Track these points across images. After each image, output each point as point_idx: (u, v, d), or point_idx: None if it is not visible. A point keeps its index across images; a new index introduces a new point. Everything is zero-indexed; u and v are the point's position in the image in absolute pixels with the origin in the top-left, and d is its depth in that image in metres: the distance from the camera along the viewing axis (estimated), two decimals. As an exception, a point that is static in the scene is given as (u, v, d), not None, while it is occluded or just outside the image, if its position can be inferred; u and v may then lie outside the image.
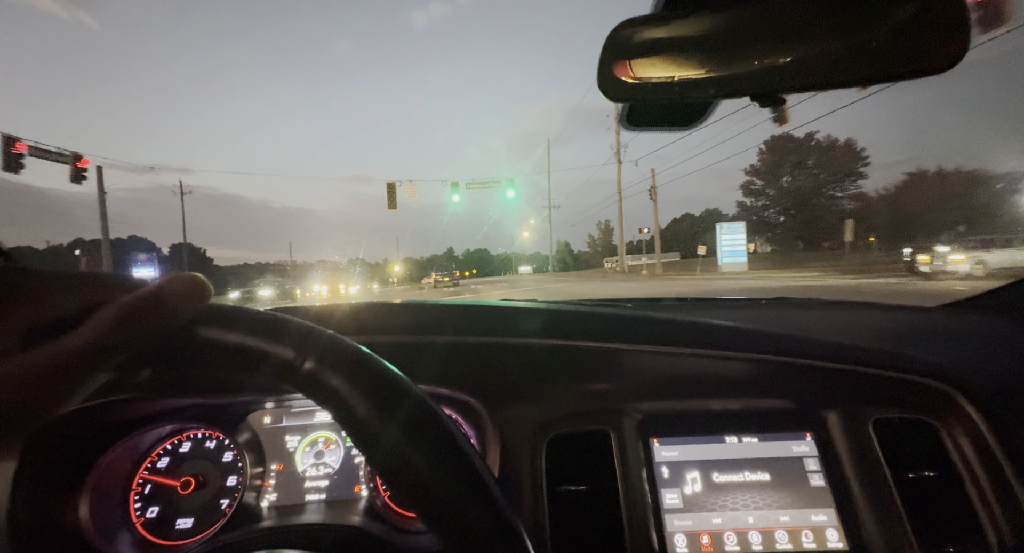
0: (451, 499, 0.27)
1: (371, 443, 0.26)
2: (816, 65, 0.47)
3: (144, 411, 0.62)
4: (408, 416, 0.27)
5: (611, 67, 0.51)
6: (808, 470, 0.62)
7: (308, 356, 0.26)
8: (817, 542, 0.58)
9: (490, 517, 0.27)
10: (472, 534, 0.26)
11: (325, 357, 0.26)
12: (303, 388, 0.26)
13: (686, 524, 0.60)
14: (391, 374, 0.28)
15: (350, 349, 0.28)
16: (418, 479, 0.26)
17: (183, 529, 0.61)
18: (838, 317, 0.96)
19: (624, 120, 0.63)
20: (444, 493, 0.27)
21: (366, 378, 0.27)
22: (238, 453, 0.64)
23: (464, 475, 0.27)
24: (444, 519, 0.27)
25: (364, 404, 0.26)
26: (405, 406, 0.27)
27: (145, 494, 0.62)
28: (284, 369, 0.26)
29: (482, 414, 0.62)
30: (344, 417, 0.26)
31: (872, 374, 0.61)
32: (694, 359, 0.62)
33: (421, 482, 0.26)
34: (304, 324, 0.27)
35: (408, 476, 0.26)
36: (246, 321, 0.26)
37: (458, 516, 0.26)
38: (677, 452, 0.64)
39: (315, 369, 0.26)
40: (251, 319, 0.26)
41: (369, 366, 0.28)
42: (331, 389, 0.26)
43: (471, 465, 0.28)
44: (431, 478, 0.26)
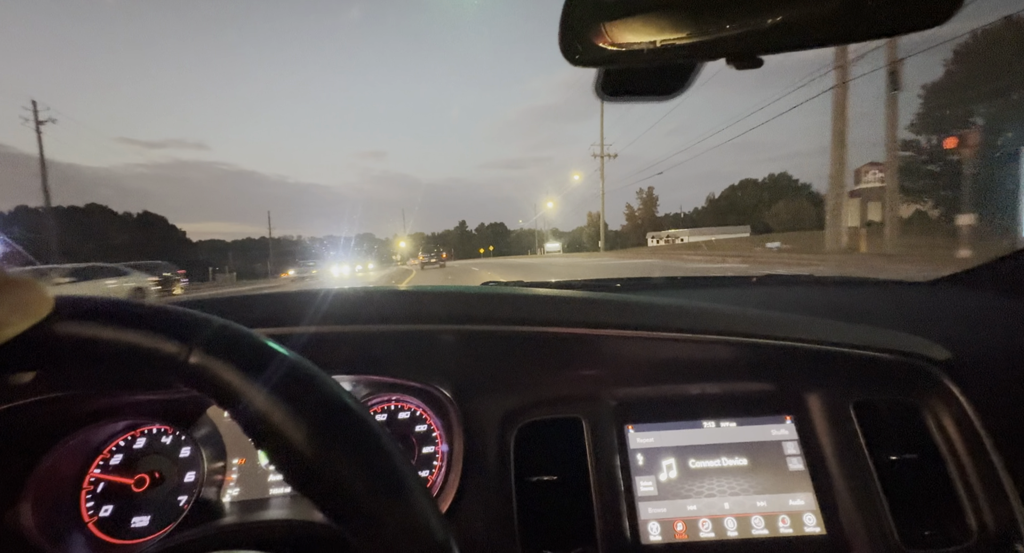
0: (375, 512, 0.24)
1: (276, 443, 0.24)
2: (800, 22, 0.42)
3: (91, 407, 0.59)
4: (317, 408, 0.24)
5: (575, 30, 0.46)
6: (787, 454, 0.61)
7: (194, 348, 0.23)
8: (794, 527, 0.57)
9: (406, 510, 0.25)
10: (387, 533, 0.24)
11: (213, 347, 0.23)
12: (192, 383, 0.24)
13: (660, 511, 0.58)
14: (293, 362, 0.25)
15: (244, 337, 0.25)
16: (335, 480, 0.24)
17: (139, 527, 0.58)
18: (826, 294, 0.93)
19: (599, 89, 0.59)
20: (362, 492, 0.24)
21: (264, 369, 0.24)
22: (195, 448, 0.61)
23: (386, 471, 0.25)
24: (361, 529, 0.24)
25: (264, 399, 0.23)
26: (311, 397, 0.25)
27: (98, 492, 0.60)
28: (167, 364, 0.23)
29: (447, 404, 0.59)
30: (240, 413, 0.24)
31: (854, 354, 0.58)
32: (671, 343, 0.59)
33: (339, 483, 0.24)
34: (188, 312, 0.24)
35: (323, 478, 0.24)
36: (118, 312, 0.23)
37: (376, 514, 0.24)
38: (653, 438, 0.62)
39: (203, 362, 0.23)
40: (124, 310, 0.24)
41: (266, 355, 0.25)
42: (223, 384, 0.23)
43: (392, 462, 0.25)
44: (349, 477, 0.24)
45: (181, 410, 0.62)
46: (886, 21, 0.40)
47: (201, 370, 0.23)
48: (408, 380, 0.61)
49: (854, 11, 0.41)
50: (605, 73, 0.57)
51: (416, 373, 0.60)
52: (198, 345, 0.23)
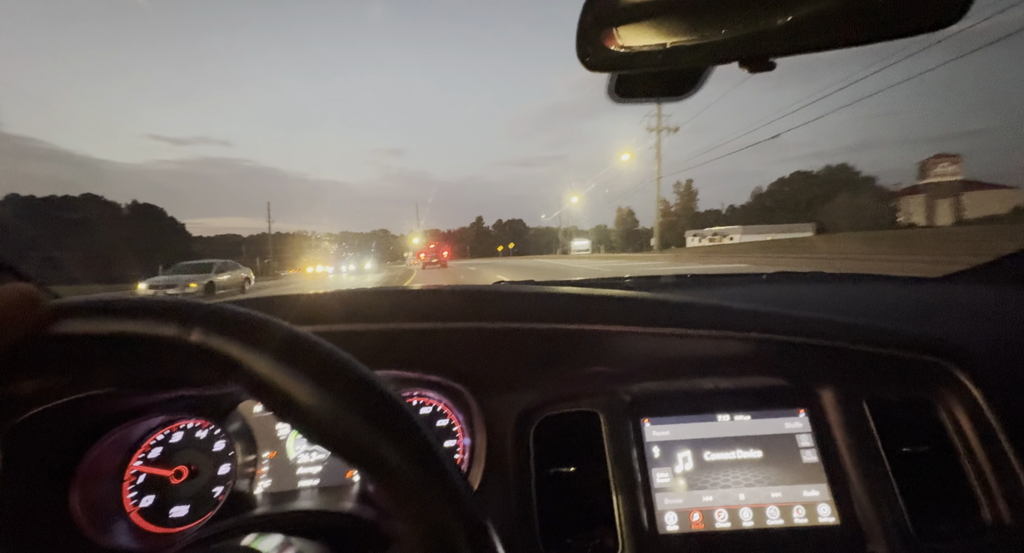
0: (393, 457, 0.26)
1: (284, 404, 0.25)
2: (811, 24, 0.44)
3: (130, 405, 0.62)
4: (317, 369, 0.26)
5: (590, 35, 0.48)
6: (801, 446, 0.62)
7: (193, 327, 0.25)
8: (809, 517, 0.58)
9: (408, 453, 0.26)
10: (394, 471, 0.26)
11: (211, 325, 0.25)
12: (198, 362, 0.25)
13: (677, 502, 0.60)
14: (287, 329, 0.27)
15: (237, 313, 0.26)
16: (348, 432, 0.25)
17: (178, 517, 0.61)
18: (839, 291, 0.94)
19: (612, 91, 0.60)
20: (379, 452, 0.25)
21: (261, 337, 0.25)
22: (229, 442, 0.64)
23: (396, 416, 0.26)
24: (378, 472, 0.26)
25: (265, 364, 0.25)
26: (309, 356, 0.26)
27: (139, 484, 0.63)
28: (172, 346, 0.25)
29: (469, 399, 0.61)
30: (249, 383, 0.25)
31: (865, 351, 0.59)
32: (686, 340, 0.61)
33: (351, 434, 0.25)
34: (183, 300, 0.26)
35: (332, 434, 0.25)
36: (112, 308, 0.25)
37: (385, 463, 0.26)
38: (668, 431, 0.63)
39: (203, 339, 0.25)
40: (118, 305, 0.25)
41: (260, 324, 0.26)
42: (225, 356, 0.25)
43: (398, 408, 0.27)
44: (362, 436, 0.25)
45: (214, 406, 0.65)
46: (896, 22, 0.41)
47: (203, 347, 0.25)
48: (429, 375, 0.63)
49: (864, 13, 0.42)
50: (618, 77, 0.58)
51: (437, 369, 0.62)
52: (196, 325, 0.25)
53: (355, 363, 0.27)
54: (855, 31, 0.43)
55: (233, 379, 0.25)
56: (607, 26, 0.48)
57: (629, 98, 0.61)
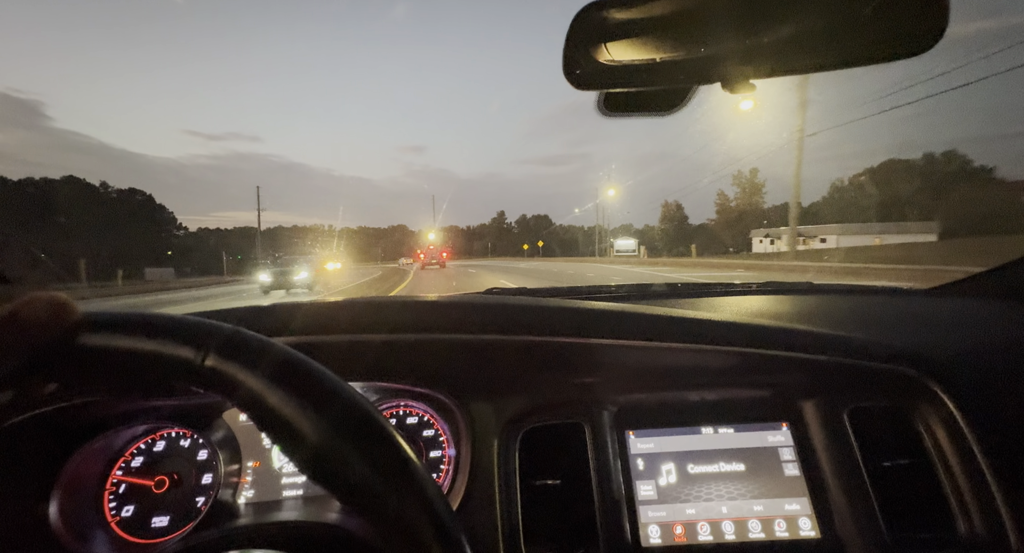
0: (379, 489, 0.26)
1: (289, 435, 0.25)
2: (791, 49, 0.45)
3: (114, 411, 0.61)
4: (325, 403, 0.26)
5: (575, 56, 0.49)
6: (783, 460, 0.62)
7: (209, 352, 0.25)
8: (790, 531, 0.59)
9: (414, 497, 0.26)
10: (395, 517, 0.26)
11: (226, 351, 0.25)
12: (209, 385, 0.26)
13: (660, 515, 0.60)
14: (301, 361, 0.27)
15: (253, 340, 0.27)
16: (342, 469, 0.25)
17: (159, 527, 0.61)
18: (823, 303, 0.95)
19: (600, 106, 0.61)
20: (366, 481, 0.26)
21: (274, 367, 0.26)
22: (212, 451, 0.64)
23: (395, 461, 0.27)
24: (370, 507, 0.26)
25: (275, 396, 0.25)
26: (319, 393, 0.26)
27: (120, 493, 0.62)
28: (185, 369, 0.25)
29: (453, 409, 0.62)
30: (256, 411, 0.26)
31: (843, 363, 0.60)
32: (671, 353, 0.61)
33: (344, 472, 0.25)
34: (201, 321, 0.26)
35: (330, 467, 0.26)
36: (138, 325, 0.25)
37: (384, 503, 0.26)
38: (653, 444, 0.64)
39: (217, 365, 0.25)
40: (143, 322, 0.26)
41: (276, 355, 0.27)
42: (237, 383, 0.25)
43: (397, 449, 0.27)
44: (355, 466, 0.25)
45: (198, 414, 0.65)
46: (869, 50, 0.42)
47: (216, 373, 0.25)
48: (415, 387, 0.63)
49: (839, 39, 0.44)
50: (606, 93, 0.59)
51: (423, 380, 0.62)
52: (212, 350, 0.25)
53: (365, 404, 0.28)
54: (831, 56, 0.44)
55: (242, 406, 0.26)
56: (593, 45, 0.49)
57: (617, 113, 0.62)
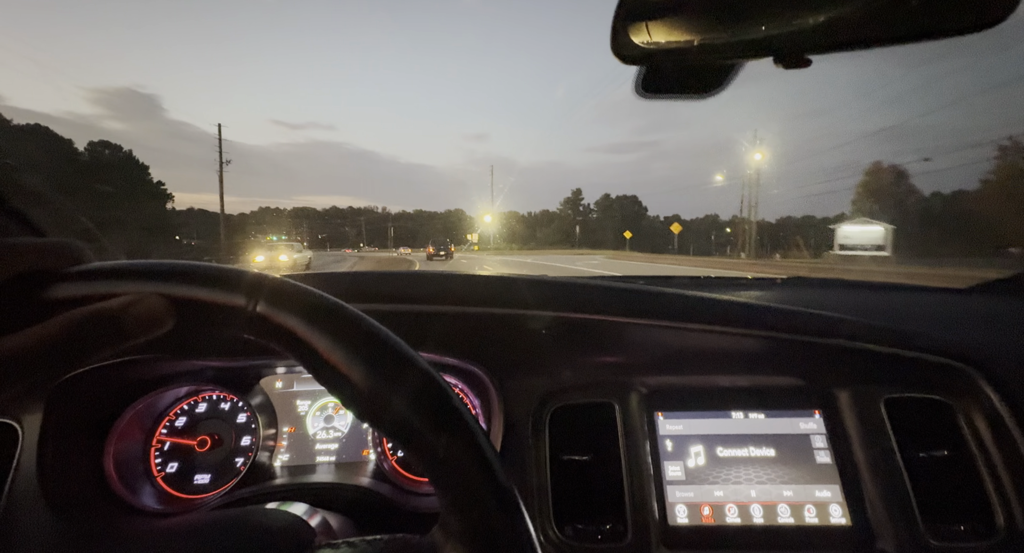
0: (423, 428, 0.26)
1: (338, 381, 0.26)
2: (849, 21, 0.44)
3: (160, 372, 0.64)
4: (373, 350, 0.27)
5: (625, 28, 0.48)
6: (815, 447, 0.62)
7: (259, 299, 0.26)
8: (820, 517, 0.58)
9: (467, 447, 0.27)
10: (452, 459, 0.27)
11: (276, 299, 0.26)
12: (259, 332, 0.26)
13: (688, 495, 0.60)
14: (347, 310, 0.28)
15: (300, 290, 0.27)
16: (394, 414, 0.26)
17: (201, 484, 0.64)
18: (856, 298, 0.93)
19: (638, 87, 0.61)
20: (420, 425, 0.26)
21: (320, 314, 0.27)
22: (251, 415, 0.66)
23: (439, 407, 0.27)
24: (429, 456, 0.27)
25: (323, 340, 0.26)
26: (368, 340, 0.27)
27: (164, 450, 0.65)
28: (237, 316, 0.26)
29: (488, 384, 0.62)
30: (306, 357, 0.26)
31: (887, 353, 0.59)
32: (704, 335, 0.61)
33: (397, 417, 0.26)
34: (250, 272, 0.27)
35: (384, 410, 0.26)
36: (194, 274, 0.26)
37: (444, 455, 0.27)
38: (682, 426, 0.64)
39: (267, 311, 0.26)
40: (198, 272, 0.27)
41: (323, 303, 0.27)
42: (287, 330, 0.26)
43: (446, 398, 0.28)
44: (405, 411, 0.26)
45: (238, 378, 0.68)
46: (936, 21, 0.41)
47: (266, 319, 0.26)
48: (449, 358, 0.64)
49: (902, 12, 0.42)
50: (645, 72, 0.59)
51: (458, 352, 0.63)
52: (262, 297, 0.26)
53: (409, 350, 0.28)
54: (893, 30, 0.43)
55: (290, 351, 0.27)
56: (643, 20, 0.48)
57: (655, 94, 0.61)
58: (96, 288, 0.26)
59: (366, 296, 0.60)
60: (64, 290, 0.26)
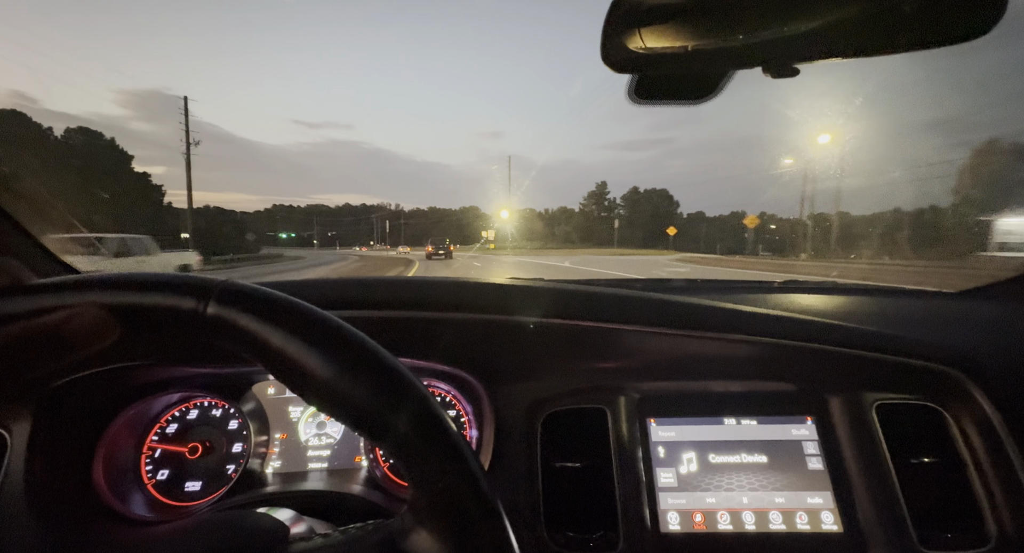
0: (386, 414, 0.26)
1: (296, 373, 0.26)
2: (836, 31, 0.44)
3: (151, 379, 0.64)
4: (327, 338, 0.27)
5: (615, 36, 0.49)
6: (807, 453, 0.62)
7: (209, 300, 0.26)
8: (811, 524, 0.58)
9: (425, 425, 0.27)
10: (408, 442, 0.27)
11: (226, 298, 0.26)
12: (213, 333, 0.26)
13: (680, 502, 0.60)
14: (299, 303, 0.28)
15: (250, 287, 0.28)
16: (352, 398, 0.26)
17: (192, 491, 0.63)
18: (850, 302, 0.93)
19: (631, 93, 0.61)
20: (378, 406, 0.26)
21: (272, 308, 0.27)
22: (243, 421, 0.66)
23: (394, 385, 0.27)
24: (390, 436, 0.27)
25: (277, 333, 0.26)
26: (321, 329, 0.27)
27: (155, 458, 0.65)
28: (188, 319, 0.26)
29: (479, 390, 0.62)
30: (262, 352, 0.26)
31: (879, 358, 0.59)
32: (696, 341, 0.61)
33: (355, 401, 0.26)
34: (195, 276, 0.28)
35: (341, 396, 0.26)
36: (135, 282, 0.27)
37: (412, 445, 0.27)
38: (674, 432, 0.64)
39: (219, 311, 0.26)
40: (142, 279, 0.27)
41: (274, 298, 0.27)
42: (240, 327, 0.26)
43: (399, 375, 0.28)
44: (361, 393, 0.26)
45: (229, 385, 0.67)
46: (923, 33, 0.41)
47: (219, 320, 0.26)
48: (440, 365, 0.64)
49: (891, 21, 0.42)
50: (638, 78, 0.59)
51: (449, 359, 0.63)
52: (213, 298, 0.26)
53: (361, 337, 0.28)
54: (881, 40, 0.43)
55: (245, 348, 0.27)
56: (633, 27, 0.49)
57: (647, 100, 0.62)
58: (31, 304, 0.26)
59: (353, 303, 0.59)
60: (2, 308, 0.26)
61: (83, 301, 0.26)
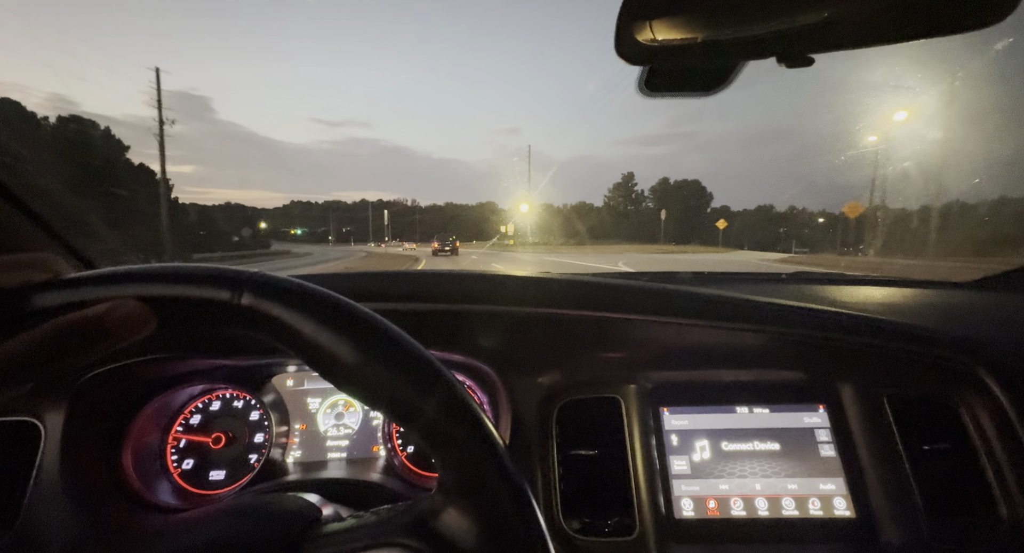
0: (417, 402, 0.27)
1: (327, 361, 0.27)
2: (852, 21, 0.44)
3: (174, 371, 0.65)
4: (358, 328, 0.28)
5: (629, 28, 0.49)
6: (819, 441, 0.63)
7: (243, 291, 0.27)
8: (824, 509, 0.59)
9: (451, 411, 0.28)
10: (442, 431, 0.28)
11: (260, 289, 0.27)
12: (247, 324, 0.27)
13: (693, 489, 0.61)
14: (330, 294, 0.29)
15: (282, 279, 0.28)
16: (382, 385, 0.27)
17: (216, 480, 0.65)
18: (859, 293, 0.93)
19: (641, 85, 0.61)
20: (408, 392, 0.27)
21: (304, 299, 0.28)
22: (264, 412, 0.68)
23: (423, 373, 0.28)
24: (420, 420, 0.28)
25: (309, 323, 0.27)
26: (352, 320, 0.28)
27: (180, 448, 0.67)
28: (223, 311, 0.27)
29: (495, 381, 0.64)
30: (294, 342, 0.27)
31: (892, 348, 0.60)
32: (708, 331, 0.62)
33: (385, 388, 0.27)
34: (228, 268, 0.28)
35: (373, 384, 0.27)
36: (174, 274, 0.28)
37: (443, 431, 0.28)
38: (687, 421, 0.65)
39: (253, 302, 0.27)
40: (179, 271, 0.28)
41: (305, 290, 0.28)
42: (273, 317, 0.27)
43: (429, 364, 0.29)
44: (391, 381, 0.27)
45: (250, 377, 0.69)
46: (939, 20, 0.41)
47: (252, 310, 0.27)
48: (456, 355, 0.65)
49: (905, 9, 0.42)
50: (649, 71, 0.59)
51: (465, 349, 0.64)
52: (246, 289, 0.27)
53: (395, 329, 0.29)
54: (895, 28, 0.43)
55: (279, 338, 0.27)
56: (645, 19, 0.49)
57: (658, 92, 0.62)
58: (74, 297, 0.27)
59: (371, 295, 0.61)
60: (43, 301, 0.27)
61: (124, 294, 0.27)
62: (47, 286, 0.27)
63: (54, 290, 0.27)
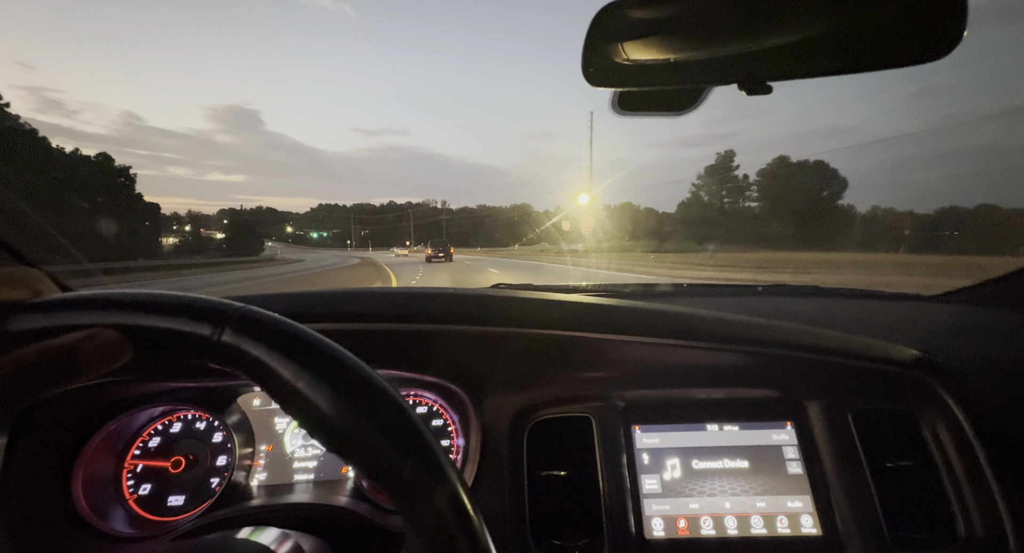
0: (393, 457, 0.27)
1: (304, 409, 0.26)
2: (807, 51, 0.45)
3: (134, 393, 0.63)
4: (338, 378, 0.27)
5: (595, 53, 0.50)
6: (787, 458, 0.63)
7: (225, 327, 0.26)
8: (792, 527, 0.59)
9: (423, 465, 0.27)
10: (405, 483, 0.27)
11: (240, 326, 0.26)
12: (224, 361, 0.27)
13: (664, 508, 0.61)
14: (313, 338, 0.28)
15: (268, 317, 0.28)
16: (360, 439, 0.26)
17: (175, 506, 0.63)
18: (831, 306, 0.95)
19: (615, 105, 0.62)
20: (387, 450, 0.27)
21: (286, 342, 0.27)
22: (227, 434, 0.66)
23: (405, 431, 0.27)
24: (395, 480, 0.27)
25: (288, 368, 0.26)
26: (333, 368, 0.27)
27: (137, 472, 0.64)
28: (201, 345, 0.26)
29: (465, 400, 0.63)
30: (271, 385, 0.26)
31: (855, 365, 0.61)
32: (680, 349, 0.62)
33: (363, 442, 0.26)
34: (214, 300, 0.27)
35: (349, 437, 0.27)
36: (158, 304, 0.27)
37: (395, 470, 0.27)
38: (658, 439, 0.65)
39: (233, 340, 0.26)
40: (162, 302, 0.27)
41: (289, 331, 0.27)
42: (252, 358, 0.26)
43: (412, 423, 0.28)
44: (371, 436, 0.26)
45: (214, 397, 0.67)
46: (890, 53, 0.43)
47: (232, 348, 0.26)
48: (426, 376, 0.64)
49: (858, 42, 0.44)
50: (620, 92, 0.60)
51: (435, 370, 0.63)
52: (228, 326, 0.26)
53: (376, 377, 0.28)
54: (849, 60, 0.44)
55: (256, 379, 0.27)
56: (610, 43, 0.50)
57: (631, 111, 0.63)
58: (54, 321, 0.25)
59: (341, 316, 0.59)
60: (20, 323, 0.25)
61: (105, 322, 0.26)
62: (22, 308, 0.26)
63: (30, 313, 0.26)
